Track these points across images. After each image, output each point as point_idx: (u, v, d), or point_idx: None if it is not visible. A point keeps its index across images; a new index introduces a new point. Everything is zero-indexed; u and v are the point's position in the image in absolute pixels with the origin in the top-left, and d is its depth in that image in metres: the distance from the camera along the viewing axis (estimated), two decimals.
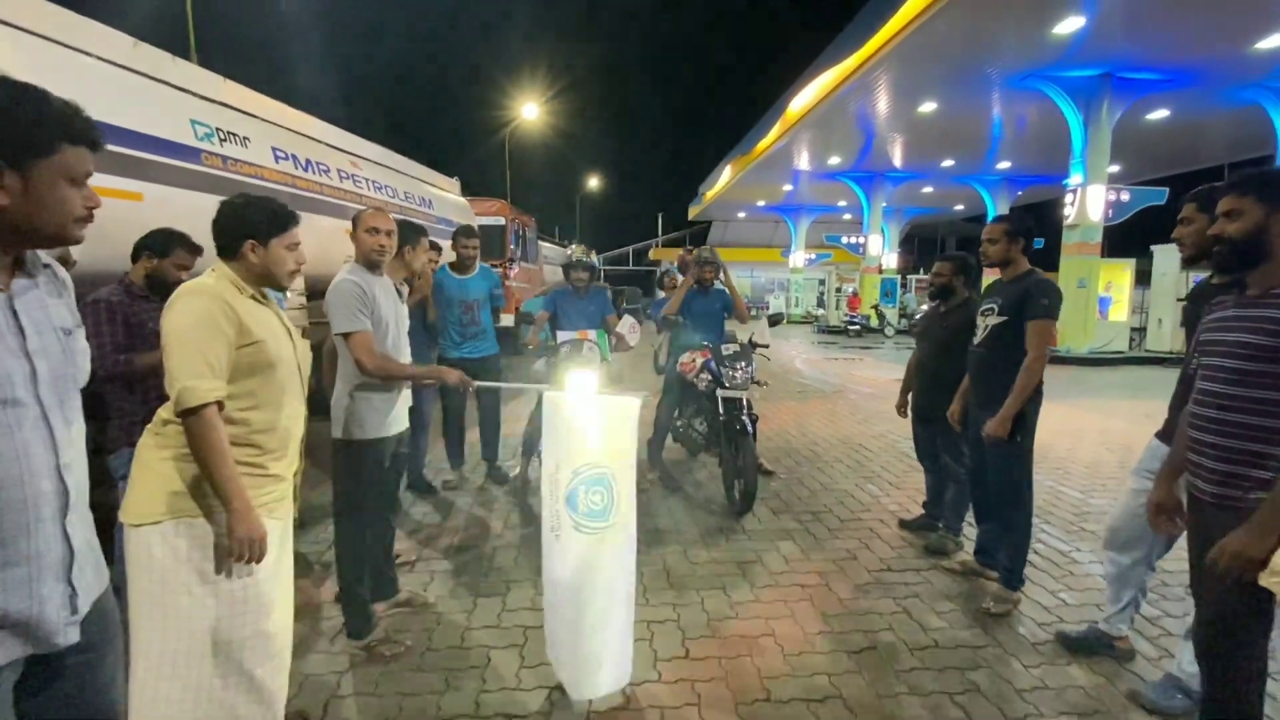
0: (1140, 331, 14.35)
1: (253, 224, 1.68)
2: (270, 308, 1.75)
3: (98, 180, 3.63)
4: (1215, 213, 1.67)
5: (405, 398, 2.65)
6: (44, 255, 1.25)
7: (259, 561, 1.57)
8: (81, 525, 1.18)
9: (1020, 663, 2.46)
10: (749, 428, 3.86)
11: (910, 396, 3.69)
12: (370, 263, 2.46)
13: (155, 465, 1.56)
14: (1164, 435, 2.26)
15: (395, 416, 2.57)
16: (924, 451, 3.69)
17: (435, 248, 4.12)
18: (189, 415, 1.50)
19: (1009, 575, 2.91)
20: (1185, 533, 1.87)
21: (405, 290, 2.76)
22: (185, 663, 1.55)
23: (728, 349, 4.11)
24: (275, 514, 1.70)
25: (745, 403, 3.97)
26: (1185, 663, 2.21)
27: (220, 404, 1.55)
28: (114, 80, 3.67)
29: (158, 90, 4.02)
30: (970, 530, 3.50)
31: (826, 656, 2.49)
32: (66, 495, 1.12)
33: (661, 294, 6.82)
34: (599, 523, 2.07)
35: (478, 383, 2.72)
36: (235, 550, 1.53)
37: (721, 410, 3.94)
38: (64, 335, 1.17)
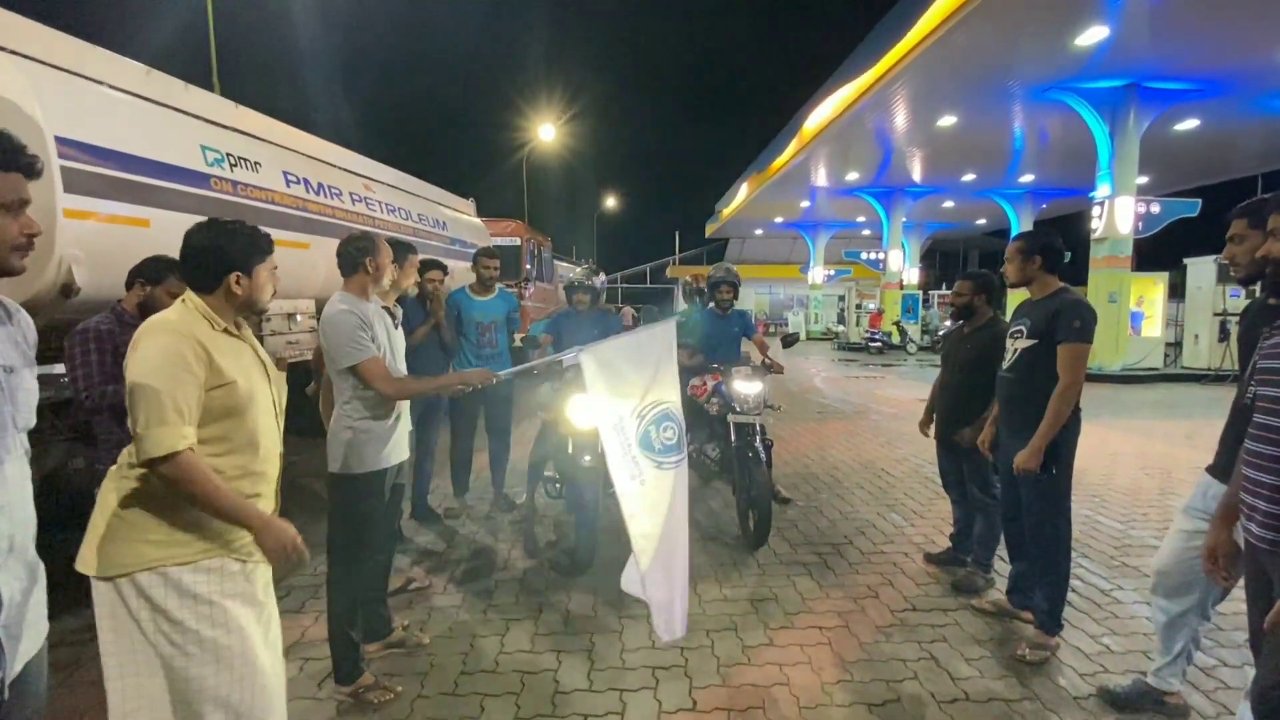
0: (1175, 347, 13.84)
1: (235, 255, 1.57)
2: (245, 340, 1.64)
3: (107, 207, 3.58)
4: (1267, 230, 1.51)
5: (405, 425, 2.55)
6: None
7: (305, 562, 1.57)
8: (19, 575, 1.11)
9: None
10: (762, 455, 3.69)
11: (935, 422, 3.50)
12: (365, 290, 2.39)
13: (123, 513, 1.45)
14: (1215, 470, 2.06)
15: (394, 446, 2.46)
16: (950, 480, 3.49)
17: (439, 266, 4.05)
18: (159, 464, 1.39)
19: (1046, 618, 2.69)
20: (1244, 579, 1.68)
21: (399, 314, 2.67)
22: (173, 715, 1.48)
23: (739, 372, 3.95)
24: (255, 556, 1.60)
25: (758, 428, 3.80)
26: None
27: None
28: (126, 108, 3.70)
29: (169, 117, 4.04)
30: (1003, 565, 3.28)
31: (845, 710, 2.30)
32: None
33: (684, 305, 6.58)
34: (676, 455, 2.12)
35: (502, 373, 2.60)
36: (276, 563, 1.53)
37: (733, 436, 3.78)
38: (4, 373, 1.12)
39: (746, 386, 3.83)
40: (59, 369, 2.98)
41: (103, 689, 2.36)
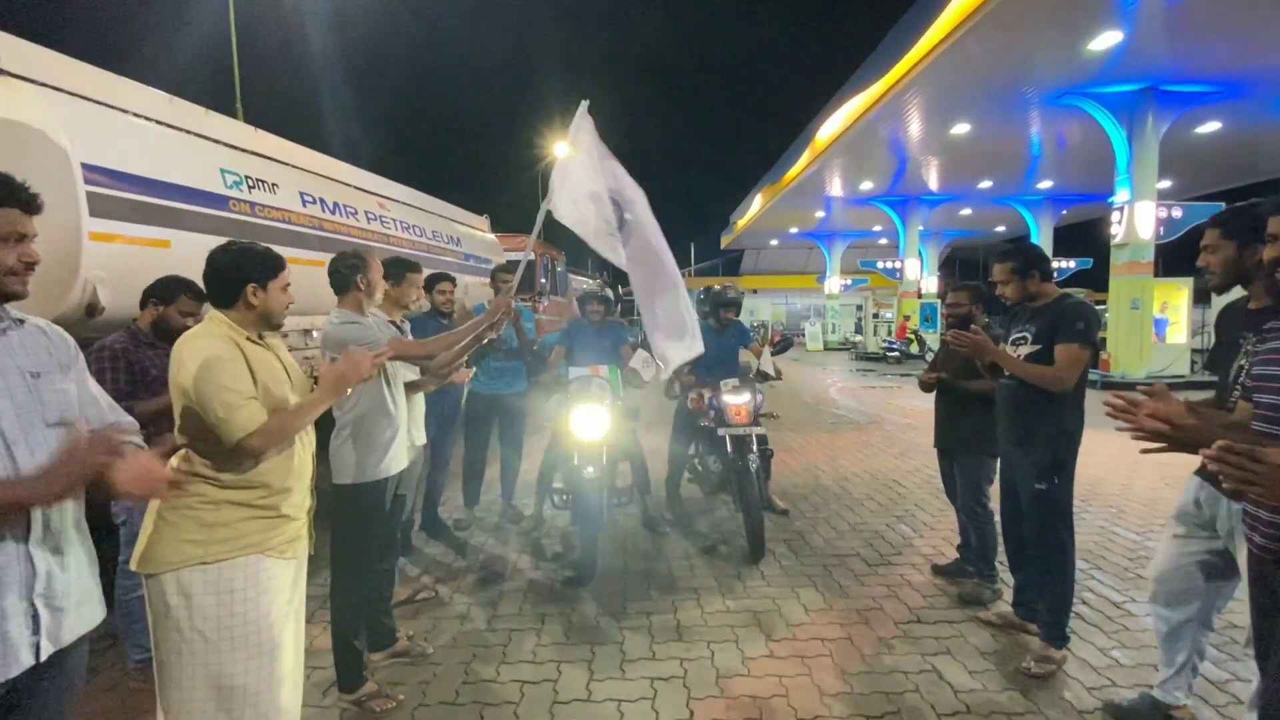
0: (1203, 354, 13.49)
1: (250, 270, 1.72)
2: (269, 350, 1.78)
3: (129, 230, 3.69)
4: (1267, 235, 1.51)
5: (403, 436, 2.61)
6: (14, 311, 1.30)
7: (365, 362, 1.79)
8: (56, 550, 1.21)
9: None
10: (751, 467, 3.68)
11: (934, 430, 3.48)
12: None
13: (166, 515, 1.59)
14: (1206, 472, 2.03)
15: (393, 456, 2.52)
16: (952, 488, 3.46)
17: (447, 278, 4.11)
18: (251, 439, 1.56)
19: (1051, 630, 2.65)
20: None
21: (407, 328, 2.74)
22: (206, 707, 1.57)
23: (728, 383, 3.95)
24: (287, 554, 1.73)
25: (754, 438, 3.79)
26: None
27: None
28: (149, 135, 3.85)
29: (190, 142, 4.19)
30: (1011, 577, 3.23)
31: None
32: (29, 520, 1.16)
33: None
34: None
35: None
36: (354, 378, 1.78)
37: (730, 448, 3.78)
38: (31, 377, 1.23)
39: (735, 398, 3.84)
40: None
41: (119, 694, 2.45)
